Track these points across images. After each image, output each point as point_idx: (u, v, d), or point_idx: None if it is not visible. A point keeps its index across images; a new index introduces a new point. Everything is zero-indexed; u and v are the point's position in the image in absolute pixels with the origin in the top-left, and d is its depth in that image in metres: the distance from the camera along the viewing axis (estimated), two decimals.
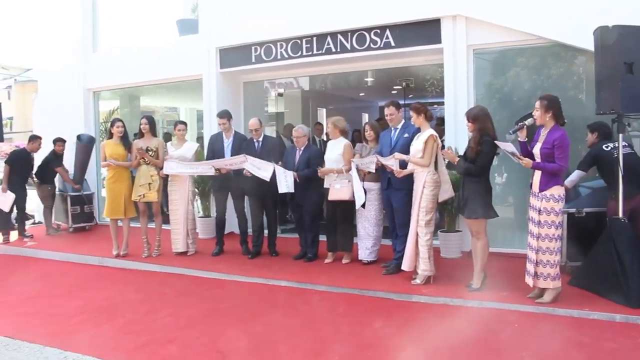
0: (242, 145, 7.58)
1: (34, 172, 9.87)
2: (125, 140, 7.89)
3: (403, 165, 6.11)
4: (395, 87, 10.98)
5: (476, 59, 7.35)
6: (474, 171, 5.50)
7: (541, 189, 5.06)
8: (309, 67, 8.75)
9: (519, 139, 5.24)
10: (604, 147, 5.77)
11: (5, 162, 9.53)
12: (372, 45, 7.87)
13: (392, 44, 7.71)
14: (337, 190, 6.90)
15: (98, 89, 10.92)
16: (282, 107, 11.74)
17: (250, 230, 7.85)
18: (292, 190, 7.03)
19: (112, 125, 7.92)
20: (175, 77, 9.76)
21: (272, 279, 6.60)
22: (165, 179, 7.96)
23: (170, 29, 10.20)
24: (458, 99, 7.26)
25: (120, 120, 7.97)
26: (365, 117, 13.61)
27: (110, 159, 7.71)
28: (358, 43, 7.96)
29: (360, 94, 12.63)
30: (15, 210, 9.60)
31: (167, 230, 8.00)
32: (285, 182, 7.03)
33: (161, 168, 7.72)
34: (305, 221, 7.37)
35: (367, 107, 13.17)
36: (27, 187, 9.85)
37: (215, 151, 7.77)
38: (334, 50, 8.16)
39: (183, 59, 9.41)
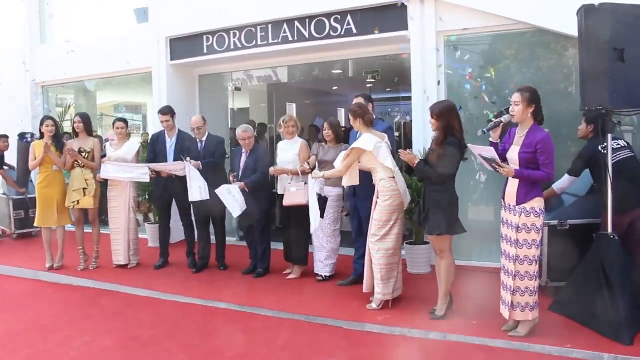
0: (185, 146, 6.60)
1: None
2: (57, 140, 6.88)
3: None
4: (369, 81, 9.98)
5: (447, 48, 6.35)
6: (434, 178, 4.52)
7: (520, 201, 4.09)
8: (266, 58, 7.73)
9: (490, 139, 4.27)
10: (600, 147, 4.63)
11: None
12: (332, 33, 6.85)
13: (354, 31, 6.69)
14: (292, 194, 5.93)
15: (46, 83, 9.86)
16: (247, 103, 10.72)
17: None
18: (245, 207, 6.06)
19: (41, 124, 6.89)
20: (125, 70, 8.70)
21: (211, 300, 5.62)
22: (104, 184, 6.98)
23: (129, 18, 9.14)
24: (427, 93, 6.26)
25: (51, 118, 6.96)
26: (342, 113, 12.58)
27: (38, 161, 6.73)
28: (317, 31, 6.94)
29: (334, 88, 11.50)
30: None
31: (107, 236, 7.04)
32: (235, 201, 6.04)
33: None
34: (254, 231, 6.41)
35: (342, 101, 12.08)
36: None
37: (157, 152, 6.78)
38: (290, 39, 7.14)
39: (133, 51, 8.37)
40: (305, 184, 5.85)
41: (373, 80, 9.73)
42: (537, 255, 4.14)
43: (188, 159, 6.27)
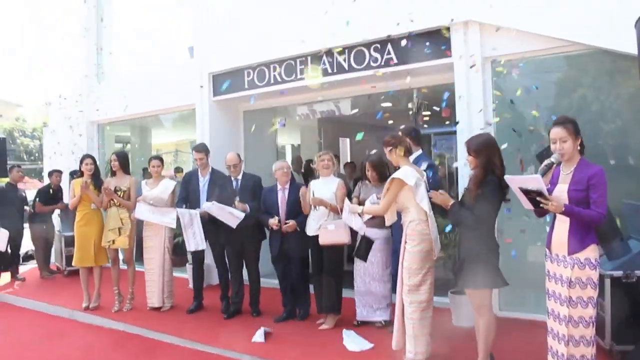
0: (219, 184, 6.24)
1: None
2: (96, 178, 6.73)
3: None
4: (425, 114, 9.33)
5: (494, 75, 5.68)
6: (470, 221, 3.87)
7: (572, 250, 3.37)
8: (309, 92, 7.30)
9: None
10: None
11: None
12: (371, 64, 6.35)
13: (395, 60, 6.17)
14: (331, 232, 5.39)
15: (101, 121, 9.91)
16: (297, 139, 10.33)
17: None
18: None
19: (81, 162, 6.78)
20: (170, 107, 8.57)
21: (236, 351, 5.13)
22: (140, 223, 6.74)
23: (180, 55, 9.05)
24: (473, 124, 5.60)
25: (90, 157, 6.84)
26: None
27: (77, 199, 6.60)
28: (356, 61, 6.47)
29: (389, 122, 10.86)
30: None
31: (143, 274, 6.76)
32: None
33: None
34: (293, 274, 5.93)
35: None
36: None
37: (190, 191, 6.47)
38: (330, 71, 6.70)
39: (179, 88, 8.20)
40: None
41: (429, 113, 9.09)
42: (593, 316, 3.38)
43: (237, 199, 5.95)
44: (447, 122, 10.64)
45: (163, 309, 6.60)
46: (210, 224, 6.12)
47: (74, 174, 8.67)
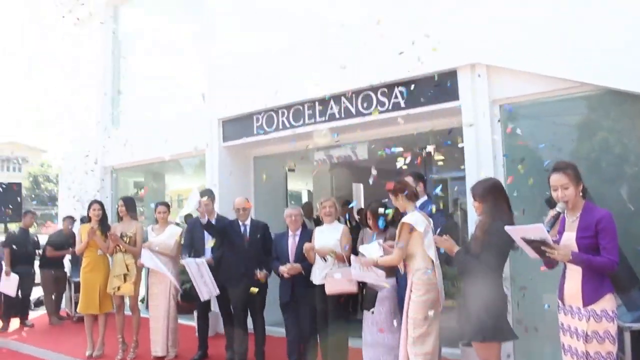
0: (226, 229, 6.10)
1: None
2: (103, 224, 6.66)
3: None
4: (439, 159, 9.16)
5: (504, 118, 5.53)
6: (476, 269, 3.66)
7: (588, 302, 3.16)
8: (318, 137, 7.21)
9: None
10: None
11: (2, 245, 8.61)
12: (379, 108, 6.26)
13: (402, 104, 6.07)
14: (337, 281, 5.19)
15: (115, 167, 9.94)
16: (309, 185, 10.22)
17: None
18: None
19: (89, 208, 6.73)
20: (180, 153, 8.53)
21: None
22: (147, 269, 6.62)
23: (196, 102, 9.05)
24: (481, 169, 5.43)
25: (98, 202, 6.80)
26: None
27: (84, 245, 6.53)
28: (364, 106, 6.39)
29: (404, 166, 10.66)
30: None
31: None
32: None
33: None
34: (302, 325, 5.69)
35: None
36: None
37: (195, 239, 6.34)
38: (337, 116, 6.63)
39: (188, 133, 8.19)
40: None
41: (443, 158, 8.92)
42: None
43: (258, 271, 5.81)
44: (463, 167, 10.47)
45: (167, 358, 6.38)
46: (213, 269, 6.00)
47: (84, 220, 8.66)
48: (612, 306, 3.14)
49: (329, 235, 5.48)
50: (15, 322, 8.78)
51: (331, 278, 5.20)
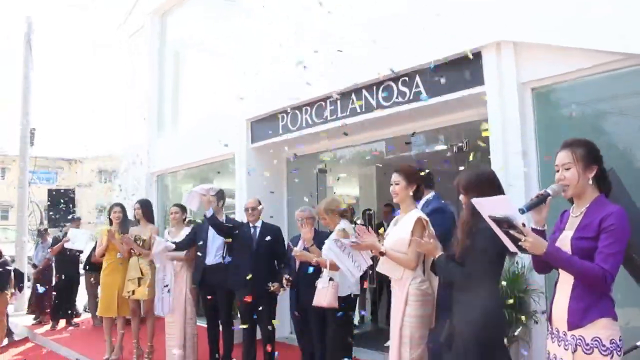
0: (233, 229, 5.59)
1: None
2: (124, 227, 6.37)
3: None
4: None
5: (535, 102, 4.61)
6: (459, 280, 2.86)
7: (572, 324, 2.30)
8: (342, 135, 6.55)
9: (532, 224, 2.54)
10: None
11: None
12: (399, 99, 5.52)
13: (423, 94, 5.29)
14: (319, 291, 4.53)
15: (159, 172, 9.76)
16: (356, 187, 9.49)
17: None
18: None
19: (110, 211, 6.48)
20: (212, 156, 8.16)
21: None
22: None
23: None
24: (509, 163, 4.54)
25: (119, 205, 6.54)
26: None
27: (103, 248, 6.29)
28: (384, 98, 5.67)
29: (444, 164, 9.70)
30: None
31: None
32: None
33: None
34: (312, 331, 5.04)
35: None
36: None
37: (198, 239, 5.86)
38: (358, 110, 5.95)
39: (220, 136, 7.72)
40: (331, 279, 4.43)
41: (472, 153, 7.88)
42: None
43: (271, 284, 5.25)
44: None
45: None
46: (220, 271, 5.51)
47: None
48: (609, 334, 2.23)
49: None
50: (63, 322, 8.78)
51: (317, 288, 4.53)
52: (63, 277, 8.48)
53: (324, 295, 4.39)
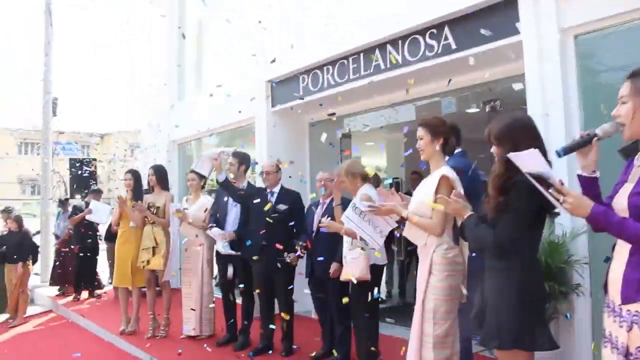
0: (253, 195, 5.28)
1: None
2: (136, 194, 6.12)
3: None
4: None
5: (577, 51, 4.10)
6: (491, 245, 2.46)
7: (625, 297, 1.90)
8: (369, 96, 6.14)
9: (578, 171, 2.10)
10: None
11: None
12: (427, 53, 5.06)
13: (453, 46, 4.82)
14: (347, 264, 4.20)
15: (181, 140, 9.51)
16: (384, 153, 9.03)
17: None
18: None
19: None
20: (232, 122, 7.83)
21: None
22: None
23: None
24: (549, 115, 4.06)
25: (130, 172, 6.29)
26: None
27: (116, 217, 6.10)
28: (411, 52, 5.21)
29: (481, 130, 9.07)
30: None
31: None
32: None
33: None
34: (331, 306, 4.74)
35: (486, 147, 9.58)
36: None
37: (218, 207, 5.59)
38: (382, 67, 5.50)
39: (238, 100, 7.38)
40: (363, 249, 4.07)
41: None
42: None
43: (286, 254, 4.91)
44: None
45: (199, 337, 5.71)
46: (237, 241, 5.28)
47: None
48: None
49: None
50: (86, 293, 8.76)
51: (344, 260, 4.21)
52: (80, 247, 8.37)
53: (354, 267, 4.05)
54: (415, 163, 4.54)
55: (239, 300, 5.67)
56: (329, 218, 4.40)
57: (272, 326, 5.14)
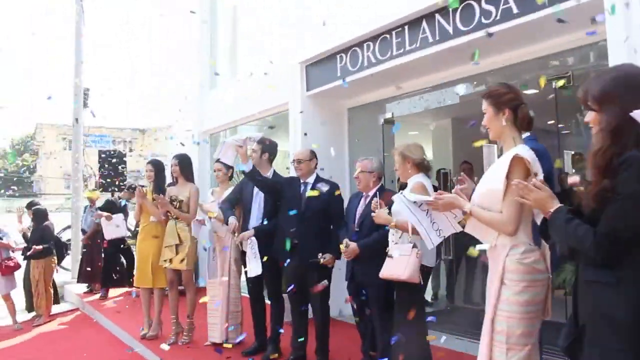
0: (284, 187, 4.71)
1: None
2: (158, 187, 5.64)
3: None
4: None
5: None
6: (591, 248, 1.79)
7: None
8: (417, 75, 5.50)
9: None
10: None
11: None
12: (483, 20, 4.35)
13: (515, 10, 4.11)
14: (391, 262, 3.60)
15: (212, 130, 9.04)
16: (430, 141, 8.25)
17: None
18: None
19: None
20: (265, 109, 7.26)
21: None
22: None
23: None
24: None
25: (151, 162, 5.80)
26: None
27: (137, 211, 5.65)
28: (464, 21, 4.51)
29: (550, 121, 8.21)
30: None
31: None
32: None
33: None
34: (373, 313, 4.14)
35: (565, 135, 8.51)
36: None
37: (243, 196, 5.03)
38: (431, 39, 4.83)
39: (274, 85, 6.82)
40: (414, 246, 3.45)
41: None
42: None
43: (320, 255, 4.35)
44: None
45: (226, 344, 5.16)
46: (264, 237, 4.69)
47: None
48: None
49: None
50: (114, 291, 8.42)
51: (389, 257, 3.58)
52: (109, 242, 8.00)
53: (403, 266, 3.45)
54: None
55: (268, 301, 5.13)
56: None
57: (300, 339, 4.57)
